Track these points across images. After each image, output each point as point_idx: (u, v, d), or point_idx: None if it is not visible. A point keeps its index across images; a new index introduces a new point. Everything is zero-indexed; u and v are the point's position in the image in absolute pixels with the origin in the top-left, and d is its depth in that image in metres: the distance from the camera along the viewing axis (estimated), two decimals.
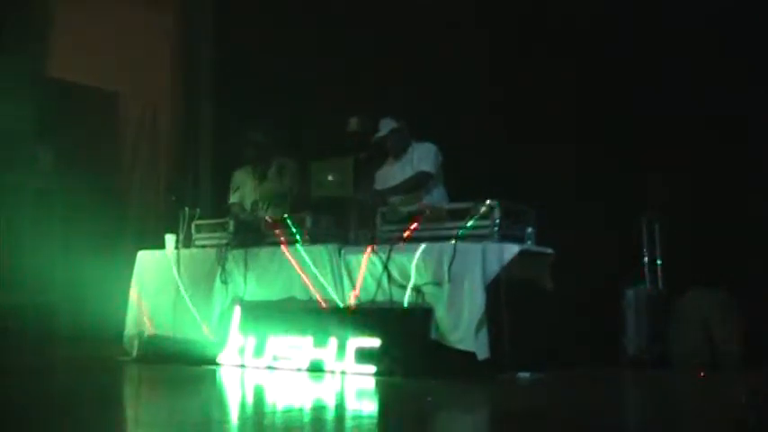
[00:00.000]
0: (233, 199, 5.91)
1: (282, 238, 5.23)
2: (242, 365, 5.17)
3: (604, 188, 5.53)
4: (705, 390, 4.59)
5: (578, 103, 5.74)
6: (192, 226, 5.64)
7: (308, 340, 4.96)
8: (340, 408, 3.92)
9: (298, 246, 5.15)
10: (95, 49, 7.40)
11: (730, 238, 5.24)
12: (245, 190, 5.87)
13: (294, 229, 5.19)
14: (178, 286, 5.48)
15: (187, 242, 5.62)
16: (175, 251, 5.58)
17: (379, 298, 4.78)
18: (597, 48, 5.72)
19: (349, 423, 3.54)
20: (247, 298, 5.29)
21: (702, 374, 4.72)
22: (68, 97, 7.41)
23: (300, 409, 3.90)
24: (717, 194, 5.34)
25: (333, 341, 4.87)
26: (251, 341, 5.18)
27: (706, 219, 5.31)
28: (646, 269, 5.36)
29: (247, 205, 5.83)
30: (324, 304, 5.01)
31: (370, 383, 4.52)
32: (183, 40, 7.87)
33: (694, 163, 5.42)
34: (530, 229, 4.87)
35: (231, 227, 5.45)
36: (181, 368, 5.25)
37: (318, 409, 3.89)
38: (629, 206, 5.43)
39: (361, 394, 4.29)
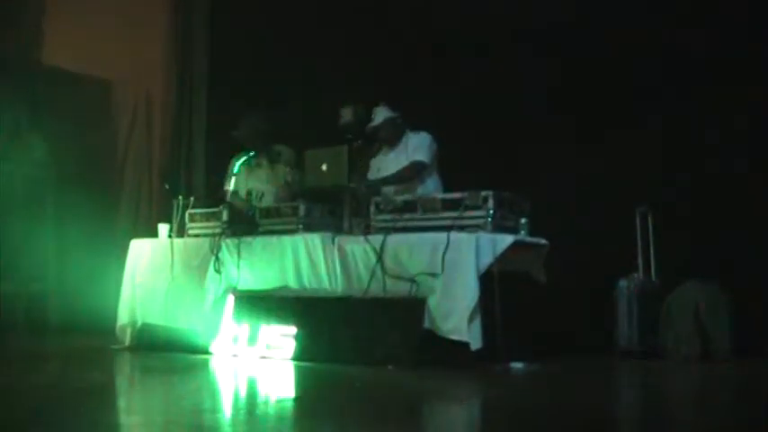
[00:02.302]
0: (229, 186, 5.90)
1: (276, 228, 5.24)
2: (235, 355, 5.17)
3: (599, 179, 5.53)
4: (695, 381, 4.62)
5: (575, 93, 5.73)
6: (186, 215, 5.63)
7: (301, 330, 4.95)
8: (332, 398, 3.92)
9: (291, 235, 5.14)
10: (88, 36, 7.36)
11: (723, 230, 5.25)
12: (240, 177, 5.86)
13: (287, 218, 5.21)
14: (171, 275, 5.46)
15: (180, 231, 5.61)
16: (169, 240, 5.56)
17: (373, 287, 4.78)
18: (595, 44, 5.72)
19: (341, 414, 3.55)
20: (240, 287, 5.28)
21: None
22: (61, 85, 7.37)
23: (293, 399, 3.90)
24: (712, 187, 5.35)
25: (326, 331, 4.86)
26: (244, 330, 5.18)
27: (700, 211, 5.32)
28: (639, 260, 5.37)
29: (243, 193, 5.82)
30: (317, 293, 5.00)
31: (364, 373, 4.52)
32: (177, 27, 7.83)
33: (690, 155, 5.42)
34: (524, 220, 4.87)
35: (225, 216, 5.43)
36: (173, 357, 5.24)
37: (310, 399, 3.90)
38: (623, 197, 5.43)
39: (354, 384, 4.28)
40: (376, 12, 6.50)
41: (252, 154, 5.82)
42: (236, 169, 5.85)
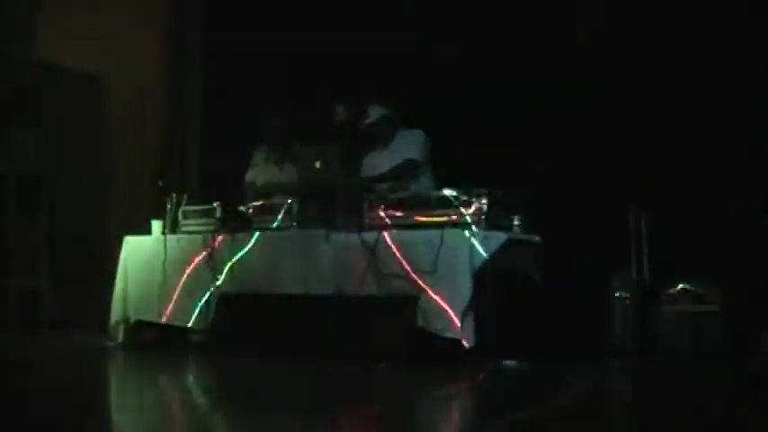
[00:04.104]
0: (248, 177, 5.92)
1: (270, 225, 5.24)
2: (227, 353, 5.15)
3: (593, 177, 5.53)
4: (689, 380, 4.62)
5: (572, 92, 5.73)
6: (179, 212, 5.62)
7: (293, 328, 4.94)
8: (329, 395, 3.92)
9: (284, 232, 5.13)
10: (81, 32, 7.34)
11: (719, 230, 5.25)
12: (257, 170, 5.87)
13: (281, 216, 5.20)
14: (164, 272, 5.44)
15: (174, 228, 5.60)
16: (162, 237, 5.55)
17: (366, 285, 4.77)
18: (593, 44, 5.71)
19: (339, 410, 3.54)
20: (233, 284, 5.27)
21: None
22: (54, 82, 7.36)
23: (287, 397, 3.90)
24: (707, 186, 5.36)
25: (319, 328, 4.85)
26: (236, 328, 5.16)
27: (695, 211, 5.33)
28: (633, 259, 5.37)
29: (257, 185, 5.82)
30: (310, 291, 4.98)
31: (356, 371, 4.51)
32: (171, 24, 7.81)
33: (686, 154, 5.43)
34: (517, 218, 4.86)
35: (218, 212, 5.42)
36: (165, 354, 5.23)
37: (304, 396, 3.89)
38: (617, 195, 5.43)
39: (347, 382, 4.28)
40: (375, 11, 6.49)
41: (270, 150, 5.83)
42: (255, 162, 5.86)
